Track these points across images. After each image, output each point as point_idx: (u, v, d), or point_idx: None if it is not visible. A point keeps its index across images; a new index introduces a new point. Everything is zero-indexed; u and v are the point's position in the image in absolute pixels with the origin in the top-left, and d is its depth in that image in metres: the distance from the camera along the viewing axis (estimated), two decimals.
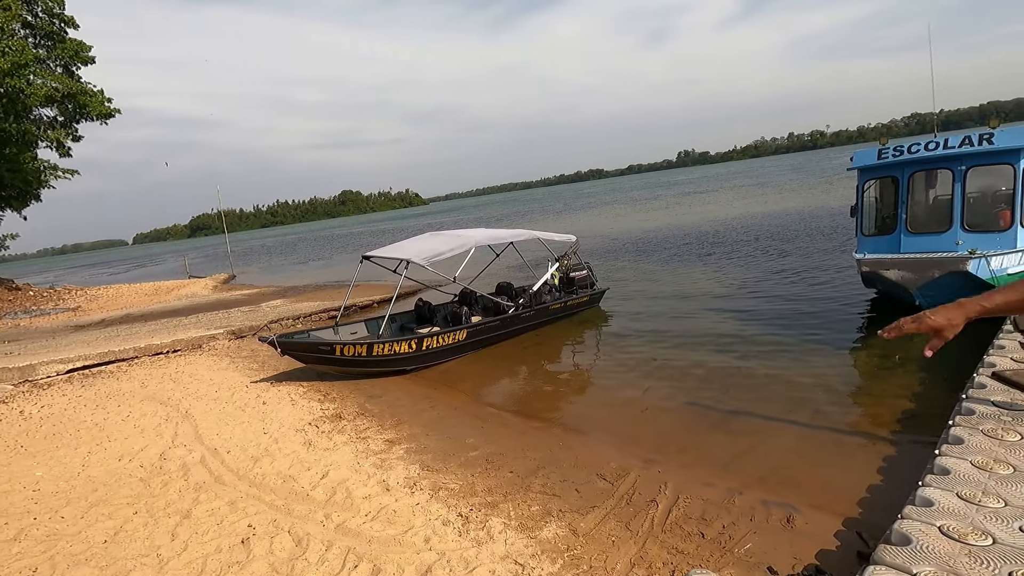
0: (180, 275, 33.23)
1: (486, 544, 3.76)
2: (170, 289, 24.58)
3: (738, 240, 18.02)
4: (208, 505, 4.65)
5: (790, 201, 29.20)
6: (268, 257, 45.24)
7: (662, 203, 42.78)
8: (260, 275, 30.44)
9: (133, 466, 5.64)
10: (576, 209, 52.28)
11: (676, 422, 5.79)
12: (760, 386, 6.40)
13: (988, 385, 4.33)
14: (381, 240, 37.88)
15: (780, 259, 13.92)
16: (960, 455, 3.42)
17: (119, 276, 44.50)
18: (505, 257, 12.56)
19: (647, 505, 4.16)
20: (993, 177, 7.90)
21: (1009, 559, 2.50)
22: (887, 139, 8.62)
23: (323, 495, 4.67)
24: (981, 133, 7.54)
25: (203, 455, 5.76)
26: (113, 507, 4.76)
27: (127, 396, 8.24)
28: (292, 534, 4.08)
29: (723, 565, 3.39)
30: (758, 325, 8.77)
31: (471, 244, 9.55)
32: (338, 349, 7.97)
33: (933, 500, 3.00)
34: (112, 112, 25.37)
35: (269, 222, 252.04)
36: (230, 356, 10.38)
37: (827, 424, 5.27)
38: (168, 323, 14.08)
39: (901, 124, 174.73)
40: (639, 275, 14.55)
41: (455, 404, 7.09)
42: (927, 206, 8.62)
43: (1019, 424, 3.69)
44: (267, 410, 7.07)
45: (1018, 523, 2.74)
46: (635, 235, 23.77)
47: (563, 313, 10.57)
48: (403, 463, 5.25)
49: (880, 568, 2.55)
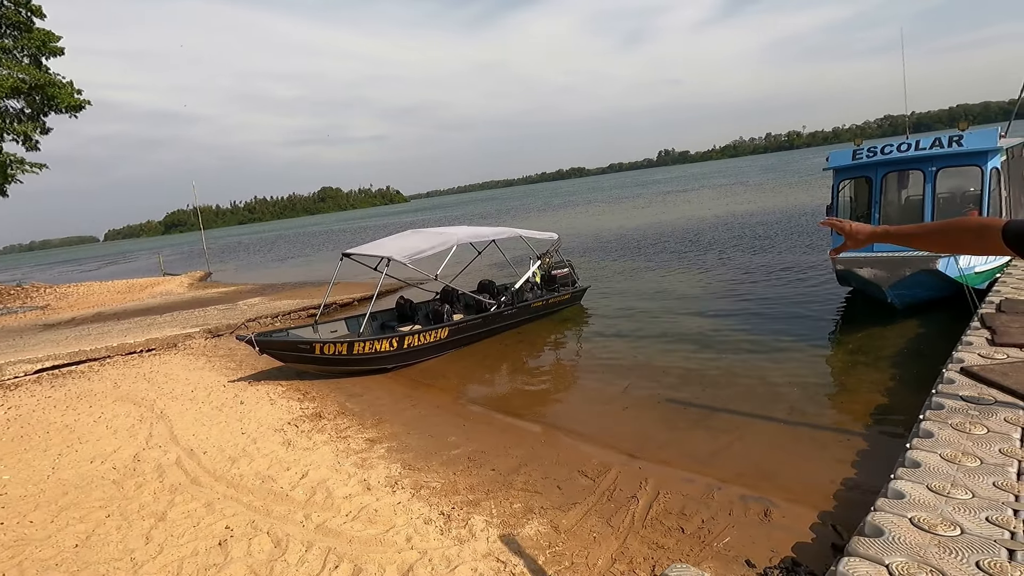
0: (154, 272, 32.52)
1: (468, 542, 3.76)
2: (144, 287, 24.03)
3: (716, 239, 18.25)
4: (184, 507, 4.56)
5: (766, 200, 29.66)
6: (246, 254, 44.49)
7: (642, 202, 43.12)
8: (237, 273, 29.93)
9: (105, 468, 5.51)
10: (557, 207, 52.43)
11: (656, 419, 5.84)
12: (738, 383, 6.50)
13: (957, 380, 4.45)
14: (361, 238, 37.57)
15: (756, 257, 14.15)
16: (930, 448, 3.52)
17: (90, 273, 43.37)
18: (487, 255, 12.55)
19: (628, 501, 4.19)
20: (962, 178, 8.13)
21: (976, 549, 2.58)
22: (861, 140, 8.82)
23: (303, 495, 4.61)
24: (951, 135, 7.75)
25: (179, 456, 5.65)
26: (84, 510, 4.64)
27: (99, 397, 8.04)
28: (271, 535, 4.02)
29: (702, 559, 3.43)
30: (736, 323, 8.90)
31: (453, 242, 9.51)
32: (318, 348, 7.88)
33: (904, 492, 3.08)
34: (82, 104, 24.66)
35: (247, 219, 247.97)
36: (206, 355, 10.19)
37: (803, 419, 5.38)
38: (142, 322, 13.76)
39: (874, 126, 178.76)
40: (620, 273, 14.65)
41: (437, 402, 7.07)
42: (899, 206, 8.83)
43: (986, 418, 3.81)
44: (245, 410, 6.96)
45: (985, 514, 2.82)
46: (616, 234, 23.93)
47: (545, 311, 10.60)
48: (384, 462, 5.21)
49: (854, 559, 2.61)
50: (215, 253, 45.75)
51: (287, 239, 59.55)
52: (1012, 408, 3.91)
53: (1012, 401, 4.01)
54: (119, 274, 36.49)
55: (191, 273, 29.06)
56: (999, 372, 4.43)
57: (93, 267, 55.25)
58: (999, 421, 3.75)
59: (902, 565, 2.52)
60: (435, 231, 10.23)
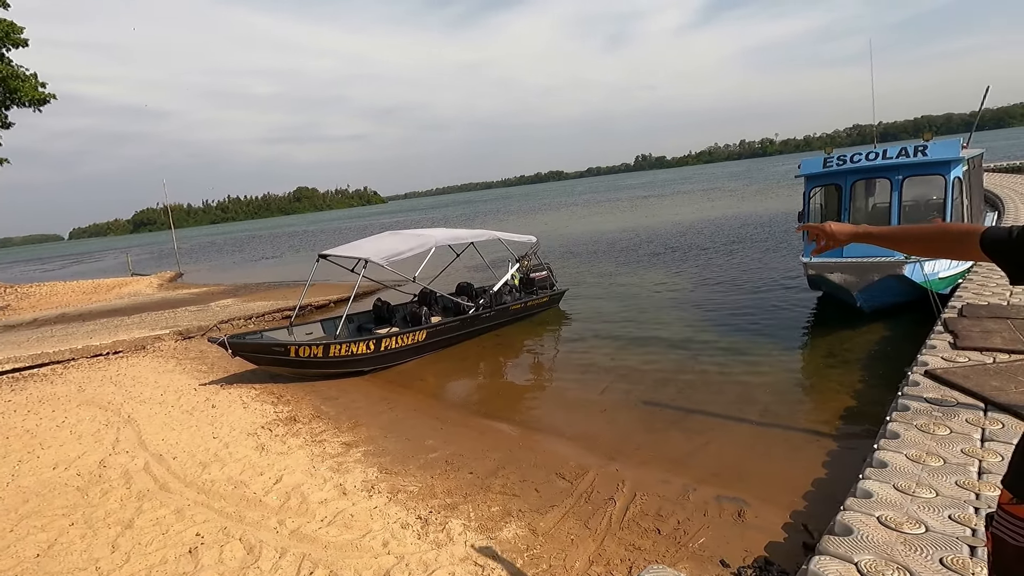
0: (122, 272, 31.60)
1: (446, 546, 3.74)
2: (111, 287, 23.32)
3: (690, 243, 18.53)
4: (152, 514, 4.44)
5: (739, 206, 30.25)
6: (218, 255, 43.56)
7: (618, 206, 43.55)
8: (209, 273, 29.28)
9: (69, 475, 5.33)
10: (535, 210, 52.61)
11: (633, 421, 5.90)
12: (713, 385, 6.61)
13: (921, 383, 4.60)
14: (338, 239, 37.10)
15: (729, 261, 14.41)
16: (896, 449, 3.62)
17: (53, 273, 41.96)
18: (465, 257, 12.51)
19: (605, 503, 4.22)
20: (926, 186, 8.40)
21: (940, 546, 2.66)
22: (832, 148, 9.05)
23: (276, 500, 4.53)
24: (916, 145, 8.02)
25: (147, 462, 5.49)
26: (47, 518, 4.48)
27: (62, 401, 7.77)
28: (243, 542, 3.94)
29: (678, 560, 3.48)
30: (710, 326, 9.04)
31: (431, 244, 9.47)
32: (293, 350, 7.75)
33: (872, 492, 3.16)
34: (47, 98, 23.86)
35: (219, 218, 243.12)
36: (177, 358, 9.94)
37: (775, 421, 5.49)
38: (109, 323, 13.36)
39: (844, 134, 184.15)
40: (597, 276, 14.76)
41: (414, 405, 7.01)
42: (867, 212, 9.09)
43: (949, 419, 3.95)
44: (217, 414, 6.81)
45: (948, 512, 2.92)
46: (593, 237, 24.11)
47: (523, 313, 10.61)
48: (361, 466, 5.15)
49: (824, 558, 2.68)
50: (186, 253, 44.70)
51: (261, 239, 58.51)
52: (973, 409, 4.05)
53: (973, 403, 4.16)
54: (85, 274, 35.37)
55: (161, 273, 28.33)
56: (961, 375, 4.59)
57: (57, 266, 53.47)
58: (961, 422, 3.89)
59: (870, 563, 2.59)
60: (413, 233, 10.17)
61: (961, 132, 12.75)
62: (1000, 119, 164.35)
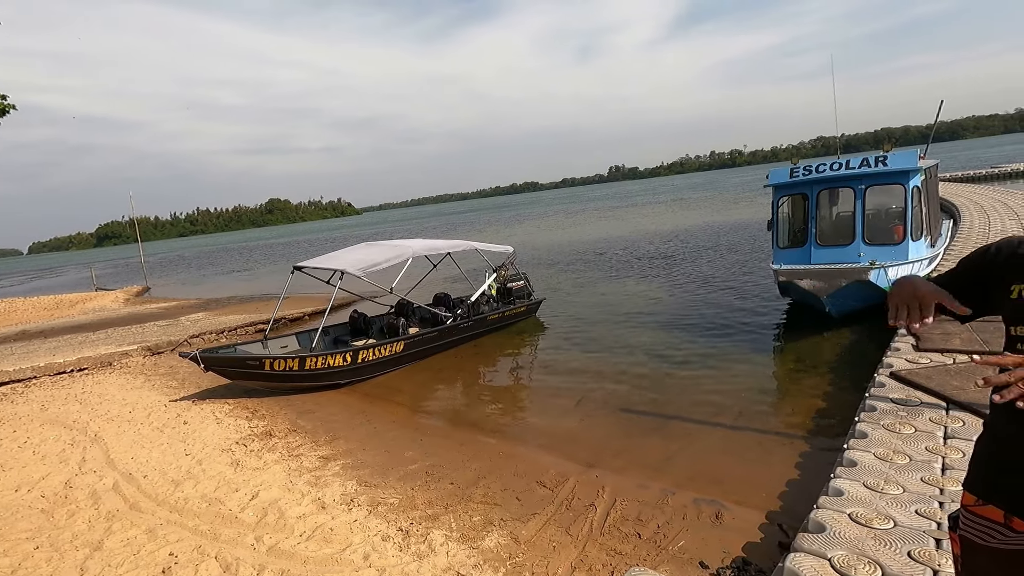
0: (86, 287, 30.59)
1: (428, 557, 3.72)
2: (74, 303, 22.57)
3: (664, 252, 18.84)
4: (123, 535, 4.30)
5: (710, 215, 30.89)
6: (187, 268, 42.51)
7: (591, 216, 44.03)
8: (179, 287, 28.56)
9: (33, 496, 5.13)
10: (511, 221, 52.82)
11: (611, 428, 5.96)
12: (688, 391, 6.72)
13: (887, 384, 4.77)
14: (311, 251, 36.63)
15: (701, 268, 14.69)
16: (865, 448, 3.75)
17: (11, 289, 40.40)
18: (442, 268, 12.50)
19: (586, 509, 4.25)
20: (887, 195, 8.75)
21: (908, 540, 2.77)
22: (798, 159, 9.36)
23: (253, 517, 4.44)
24: (877, 156, 8.35)
25: (116, 481, 5.33)
26: (9, 543, 4.30)
27: (24, 420, 7.49)
28: (219, 560, 3.85)
29: (659, 563, 3.52)
30: (685, 333, 9.20)
31: (408, 254, 9.44)
32: (267, 363, 7.62)
33: (843, 490, 3.27)
34: (6, 109, 23.12)
35: (188, 231, 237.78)
36: (145, 374, 9.67)
37: (749, 425, 5.61)
38: (72, 339, 12.92)
39: (809, 146, 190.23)
40: (573, 286, 14.88)
41: (392, 418, 6.96)
42: (832, 221, 9.40)
43: (913, 418, 4.10)
44: (189, 430, 6.64)
45: (914, 507, 3.04)
46: (569, 247, 24.32)
47: (501, 323, 10.63)
48: (339, 479, 5.08)
49: (799, 555, 2.76)
50: (154, 267, 43.52)
51: (232, 252, 57.37)
52: (936, 408, 4.23)
53: (936, 402, 4.33)
54: (45, 289, 34.15)
55: (127, 288, 27.53)
56: (924, 375, 4.79)
57: (15, 282, 51.48)
58: (925, 421, 4.04)
59: (843, 558, 2.68)
60: (390, 244, 10.13)
61: (918, 144, 13.28)
62: (954, 131, 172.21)
